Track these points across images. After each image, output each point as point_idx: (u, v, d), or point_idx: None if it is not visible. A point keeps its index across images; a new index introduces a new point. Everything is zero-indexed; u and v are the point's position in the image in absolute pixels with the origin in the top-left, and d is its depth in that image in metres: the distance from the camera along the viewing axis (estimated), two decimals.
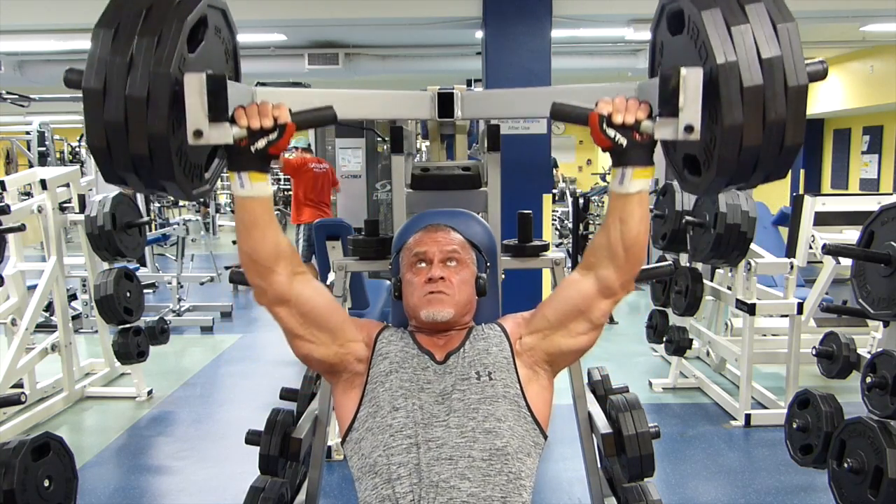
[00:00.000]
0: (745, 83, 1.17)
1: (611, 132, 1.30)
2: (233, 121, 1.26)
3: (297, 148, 6.77)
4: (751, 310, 3.83)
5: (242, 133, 1.27)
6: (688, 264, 4.42)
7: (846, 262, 3.65)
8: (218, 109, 1.21)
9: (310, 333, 1.51)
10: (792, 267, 4.01)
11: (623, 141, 1.30)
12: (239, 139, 1.27)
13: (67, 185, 4.55)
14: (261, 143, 1.28)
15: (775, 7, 1.21)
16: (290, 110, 1.30)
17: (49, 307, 5.05)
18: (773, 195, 8.24)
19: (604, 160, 18.67)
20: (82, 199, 4.54)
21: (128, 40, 1.18)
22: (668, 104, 1.21)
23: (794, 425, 2.73)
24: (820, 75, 1.26)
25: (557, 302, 1.55)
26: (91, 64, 1.19)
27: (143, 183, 1.28)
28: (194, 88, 1.19)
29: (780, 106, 1.18)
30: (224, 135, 1.24)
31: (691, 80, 1.19)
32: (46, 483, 2.25)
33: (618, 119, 1.29)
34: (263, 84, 7.64)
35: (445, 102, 1.68)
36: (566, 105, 1.35)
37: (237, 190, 1.33)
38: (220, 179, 1.71)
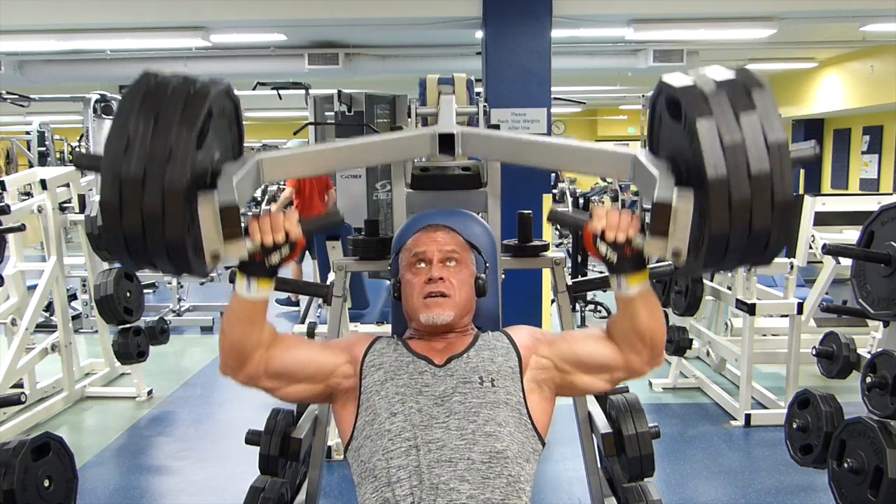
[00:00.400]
0: (733, 196, 1.22)
1: (603, 248, 1.37)
2: (246, 233, 1.32)
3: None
4: (751, 310, 3.83)
5: (256, 247, 1.33)
6: None
7: (846, 262, 3.65)
8: (232, 231, 1.28)
9: (291, 388, 1.54)
10: (792, 267, 4.01)
11: (614, 257, 1.38)
12: (253, 253, 1.33)
13: (67, 185, 4.55)
14: (274, 259, 1.36)
15: (768, 118, 1.25)
16: (299, 218, 1.36)
17: (49, 307, 5.05)
18: None
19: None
20: (82, 199, 4.54)
21: (140, 155, 1.22)
22: (659, 227, 1.27)
23: (794, 425, 2.73)
24: (809, 161, 1.33)
25: (589, 348, 1.56)
26: (105, 176, 1.23)
27: (163, 272, 1.36)
28: (208, 215, 1.25)
29: (766, 218, 1.23)
30: (239, 250, 1.31)
31: (682, 210, 1.26)
32: (46, 483, 2.25)
33: (610, 236, 1.36)
34: (263, 84, 7.64)
35: (446, 142, 1.71)
36: (564, 214, 1.46)
37: (242, 291, 1.39)
38: None
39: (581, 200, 7.05)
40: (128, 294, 4.10)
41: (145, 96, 1.26)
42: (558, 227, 1.60)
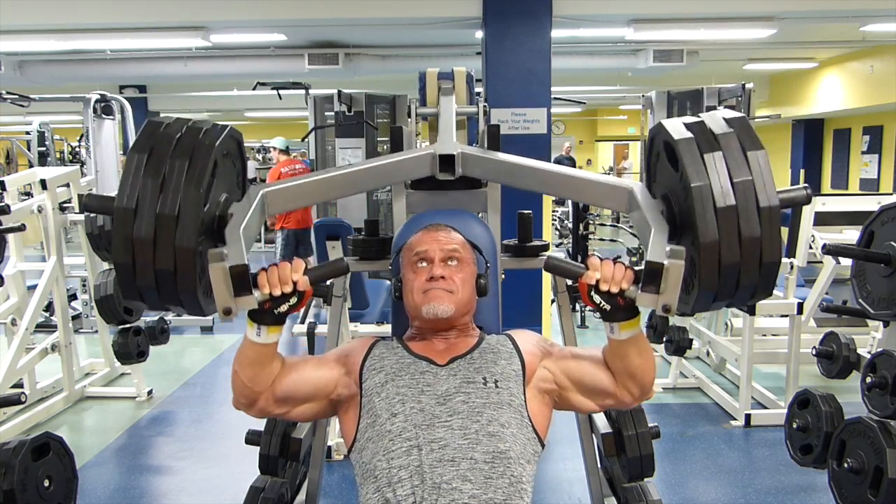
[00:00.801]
0: (717, 203, 1.26)
1: (597, 298, 1.41)
2: (255, 284, 1.36)
3: (273, 148, 6.78)
4: (751, 310, 3.83)
5: (265, 298, 1.37)
6: None
7: (846, 262, 3.65)
8: (242, 290, 1.32)
9: (296, 410, 1.59)
10: (792, 267, 4.01)
11: (607, 308, 1.42)
12: (262, 303, 1.37)
13: (67, 185, 4.55)
14: (283, 308, 1.40)
15: (747, 137, 1.31)
16: (306, 267, 1.39)
17: (49, 307, 5.05)
18: None
19: (604, 160, 18.68)
20: (82, 199, 4.54)
21: (150, 217, 1.27)
22: (652, 284, 1.32)
23: (794, 425, 2.73)
24: (801, 201, 1.39)
25: (594, 372, 1.58)
26: (118, 240, 1.28)
27: (162, 299, 1.38)
28: (219, 277, 1.30)
29: (753, 224, 1.27)
30: (249, 304, 1.35)
31: (673, 271, 1.30)
32: (46, 483, 2.24)
33: (604, 288, 1.39)
34: (263, 84, 7.62)
35: (446, 162, 1.73)
36: (560, 262, 1.49)
37: (252, 336, 1.44)
38: None
39: (581, 205, 7.04)
40: None
41: (151, 152, 1.30)
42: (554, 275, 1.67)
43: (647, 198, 1.48)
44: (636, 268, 1.38)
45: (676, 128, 1.37)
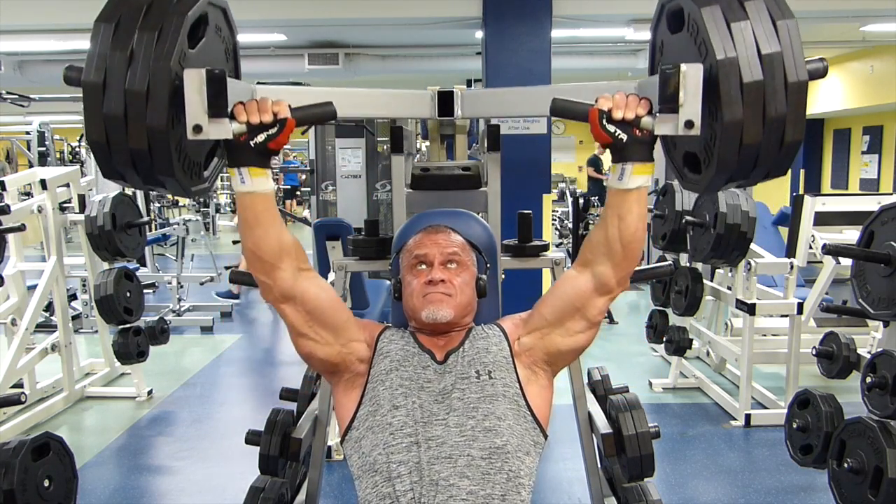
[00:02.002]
0: (744, 79, 1.17)
1: (611, 128, 1.29)
2: (232, 117, 1.26)
3: None
4: (751, 310, 3.83)
5: (242, 129, 1.27)
6: (688, 264, 4.42)
7: (846, 262, 3.65)
8: (217, 105, 1.22)
9: (314, 332, 1.51)
10: (792, 267, 4.01)
11: (623, 136, 1.29)
12: (238, 134, 1.27)
13: (67, 185, 4.55)
14: (260, 138, 1.28)
15: (775, 4, 1.21)
16: (289, 106, 1.30)
17: (49, 307, 5.05)
18: (773, 195, 8.25)
19: (604, 160, 18.65)
20: (82, 199, 4.54)
21: (128, 35, 1.19)
22: (669, 100, 1.21)
23: (794, 425, 2.73)
24: (820, 73, 1.25)
25: (554, 299, 1.54)
26: (91, 58, 1.19)
27: (142, 179, 1.28)
28: (194, 84, 1.20)
29: (780, 102, 1.18)
30: (223, 130, 1.25)
31: (691, 76, 1.19)
32: (46, 483, 2.25)
33: (618, 115, 1.29)
34: (263, 84, 7.65)
35: (445, 101, 1.68)
36: (566, 101, 1.35)
37: (237, 186, 1.33)
38: (220, 179, 1.71)
39: (581, 200, 7.04)
40: (128, 294, 4.10)
41: (119, 21, 1.21)
42: (561, 117, 1.56)
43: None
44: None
45: None
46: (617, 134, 1.29)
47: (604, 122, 1.30)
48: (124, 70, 1.18)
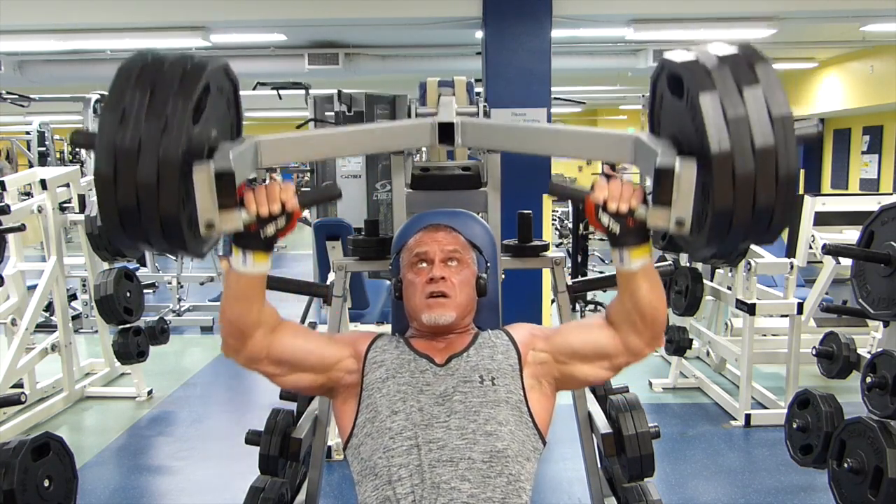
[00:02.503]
0: (737, 171, 1.20)
1: (605, 219, 1.34)
2: (242, 204, 1.29)
3: None
4: (751, 310, 3.83)
5: (252, 219, 1.30)
6: (688, 264, 4.42)
7: (846, 262, 3.65)
8: (227, 200, 1.25)
9: (288, 371, 1.53)
10: (792, 267, 4.01)
11: (616, 228, 1.34)
12: (248, 224, 1.30)
13: (67, 185, 4.55)
14: (270, 230, 1.33)
15: (772, 92, 1.23)
16: (296, 191, 1.33)
17: (49, 307, 5.05)
18: None
19: None
20: (82, 199, 4.54)
21: (135, 126, 1.20)
22: (662, 196, 1.24)
23: (794, 425, 2.73)
24: (812, 139, 1.32)
25: (586, 336, 1.55)
26: (100, 149, 1.22)
27: (157, 252, 1.35)
28: (203, 183, 1.22)
29: (769, 193, 1.21)
30: (234, 222, 1.28)
31: (685, 178, 1.23)
32: (46, 483, 2.25)
33: (612, 207, 1.33)
34: (263, 84, 7.61)
35: (446, 131, 1.70)
36: (564, 185, 1.42)
37: (237, 265, 1.36)
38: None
39: (581, 204, 7.04)
40: (128, 294, 4.10)
41: (142, 70, 1.24)
42: (559, 199, 1.58)
43: (652, 139, 1.39)
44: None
45: (679, 54, 1.30)
46: (611, 226, 1.34)
47: (599, 213, 1.35)
48: (134, 162, 1.20)
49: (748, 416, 3.85)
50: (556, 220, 9.93)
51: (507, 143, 1.74)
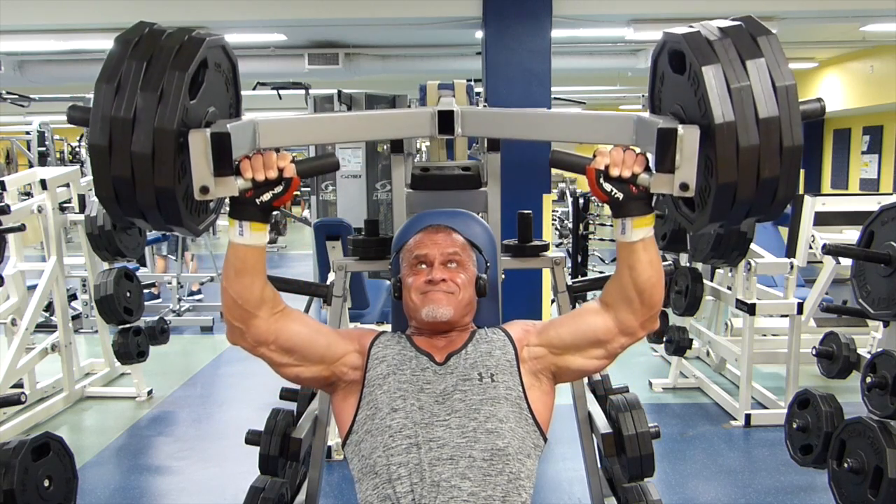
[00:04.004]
0: (741, 143, 1.18)
1: (607, 186, 1.32)
2: (238, 172, 1.27)
3: None
4: (751, 310, 3.83)
5: (247, 185, 1.29)
6: (688, 264, 4.42)
7: (846, 262, 3.65)
8: (223, 165, 1.23)
9: (295, 361, 1.52)
10: (792, 267, 4.01)
11: (619, 195, 1.32)
12: (244, 191, 1.29)
13: (67, 185, 4.55)
14: (266, 197, 1.30)
15: (776, 63, 1.23)
16: (293, 159, 1.31)
17: (49, 307, 5.05)
18: None
19: None
20: (82, 199, 4.54)
21: (130, 96, 1.19)
22: (665, 161, 1.23)
23: (794, 425, 2.73)
24: (817, 113, 1.28)
25: (578, 325, 1.54)
26: (95, 120, 1.20)
27: (152, 227, 1.31)
28: (199, 147, 1.21)
29: (774, 165, 1.20)
30: (230, 188, 1.26)
31: (688, 140, 1.21)
32: (46, 483, 2.25)
33: (614, 173, 1.31)
34: (263, 84, 7.62)
35: (445, 120, 1.69)
36: (565, 154, 1.38)
37: (235, 237, 1.35)
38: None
39: (581, 200, 7.04)
40: (128, 294, 4.10)
41: (139, 41, 1.23)
42: (561, 170, 1.54)
43: (654, 117, 1.37)
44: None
45: (681, 29, 1.29)
46: (613, 193, 1.32)
47: (601, 180, 1.32)
48: (129, 133, 1.19)
49: (748, 416, 3.85)
50: (556, 220, 9.92)
51: (508, 130, 1.73)
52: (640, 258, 1.39)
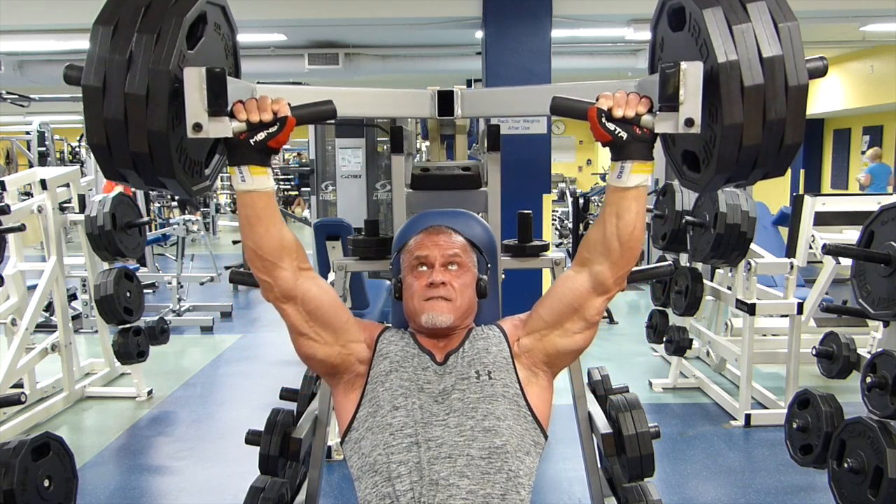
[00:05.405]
0: (745, 83, 1.17)
1: (610, 126, 1.29)
2: (232, 115, 1.26)
3: None
4: (751, 310, 3.83)
5: (242, 127, 1.27)
6: (688, 264, 4.42)
7: (846, 262, 3.65)
8: (217, 103, 1.22)
9: (314, 332, 1.50)
10: (792, 267, 4.01)
11: (623, 134, 1.29)
12: (238, 133, 1.27)
13: (67, 185, 4.55)
14: (260, 136, 1.28)
15: (777, 6, 1.21)
16: (289, 105, 1.30)
17: (49, 307, 5.05)
18: (773, 195, 8.25)
19: (604, 160, 18.69)
20: (82, 199, 4.54)
21: (127, 38, 1.18)
22: (669, 98, 1.21)
23: (794, 425, 2.73)
24: (820, 72, 1.25)
25: (552, 301, 1.54)
26: (90, 61, 1.19)
27: (144, 180, 1.28)
28: (194, 83, 1.20)
29: (780, 105, 1.18)
30: (223, 128, 1.25)
31: (691, 74, 1.19)
32: (46, 483, 2.24)
33: (618, 113, 1.28)
34: (263, 84, 7.66)
35: (446, 100, 1.69)
36: (566, 99, 1.35)
37: (238, 184, 1.33)
38: (220, 179, 1.70)
39: (581, 200, 7.05)
40: (128, 294, 4.10)
41: (117, 24, 1.21)
42: (561, 116, 1.53)
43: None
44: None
45: None
46: (617, 132, 1.29)
47: (603, 120, 1.29)
48: (123, 73, 1.18)
49: (748, 416, 3.85)
50: (556, 220, 9.93)
51: (508, 107, 1.73)
52: (630, 207, 1.36)
